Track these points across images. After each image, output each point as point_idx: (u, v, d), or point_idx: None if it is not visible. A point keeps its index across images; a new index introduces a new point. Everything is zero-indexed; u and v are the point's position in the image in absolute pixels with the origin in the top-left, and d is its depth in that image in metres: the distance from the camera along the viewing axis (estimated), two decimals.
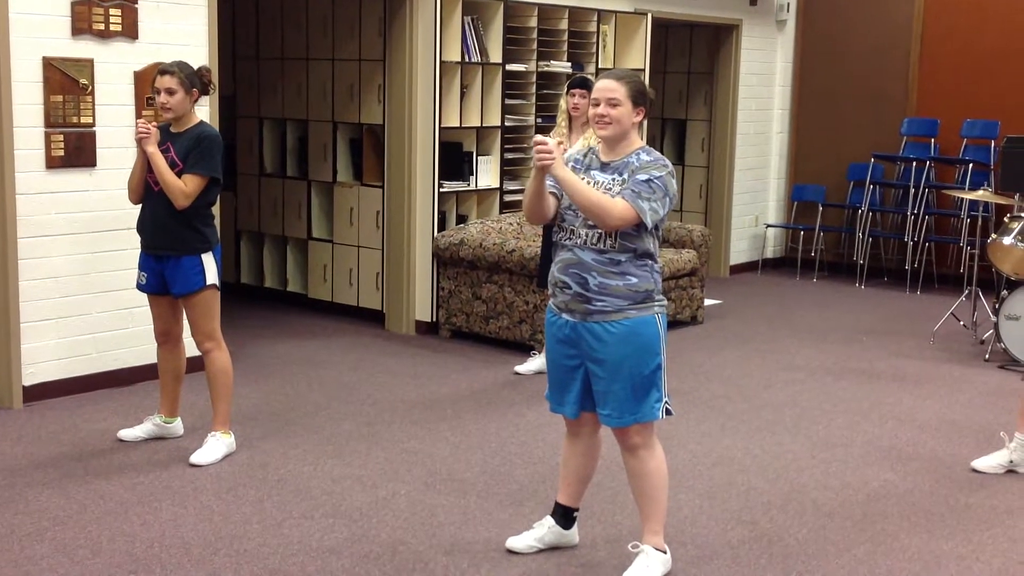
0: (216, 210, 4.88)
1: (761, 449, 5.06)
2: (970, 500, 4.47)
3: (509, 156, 7.51)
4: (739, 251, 10.03)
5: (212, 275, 4.59)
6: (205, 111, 5.56)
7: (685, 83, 10.03)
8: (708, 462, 4.86)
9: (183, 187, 4.45)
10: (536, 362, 6.17)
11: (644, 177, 3.44)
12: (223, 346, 4.70)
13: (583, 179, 3.49)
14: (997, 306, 6.71)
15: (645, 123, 8.39)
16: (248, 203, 8.10)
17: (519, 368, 6.24)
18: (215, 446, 4.66)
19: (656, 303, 3.55)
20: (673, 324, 7.45)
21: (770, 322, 7.93)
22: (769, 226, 10.22)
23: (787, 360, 6.77)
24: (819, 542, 4.01)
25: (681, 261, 7.47)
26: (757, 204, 10.17)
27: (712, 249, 9.09)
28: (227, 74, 7.68)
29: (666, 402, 3.59)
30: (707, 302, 8.05)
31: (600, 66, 7.95)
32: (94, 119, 5.45)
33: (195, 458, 4.60)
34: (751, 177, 10.02)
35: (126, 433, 4.89)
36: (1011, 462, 4.75)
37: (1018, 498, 4.51)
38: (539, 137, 3.43)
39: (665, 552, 3.65)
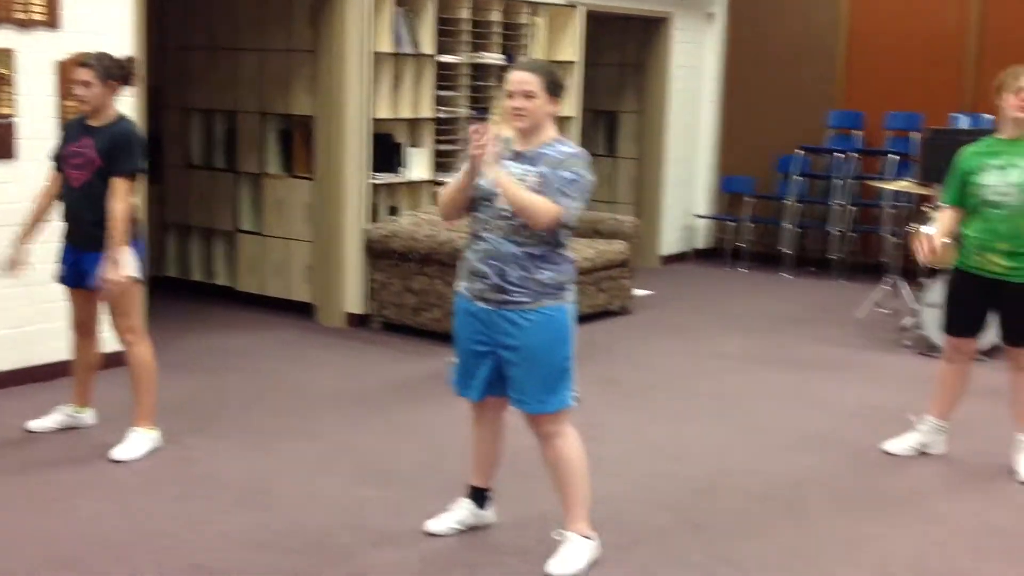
0: (141, 203, 4.82)
1: (688, 436, 5.13)
2: (888, 483, 4.58)
3: (441, 148, 7.50)
4: (670, 242, 10.14)
5: (134, 268, 4.53)
6: (131, 103, 5.48)
7: (617, 75, 10.09)
8: (637, 449, 4.91)
9: None
10: None
11: (570, 175, 3.47)
12: (145, 340, 4.65)
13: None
14: (917, 294, 6.86)
15: (579, 116, 8.49)
16: (175, 195, 8.00)
17: (452, 359, 6.24)
18: (138, 441, 4.61)
19: (568, 294, 3.60)
20: (604, 314, 7.52)
21: (700, 311, 8.02)
22: (699, 217, 10.34)
23: (716, 348, 6.87)
24: (743, 526, 4.09)
25: (612, 252, 7.53)
26: (687, 195, 10.28)
27: (643, 240, 9.18)
28: (154, 65, 7.57)
29: (575, 391, 3.65)
30: (638, 292, 8.13)
31: (530, 59, 7.97)
32: (14, 110, 5.35)
33: (117, 453, 4.54)
34: (681, 169, 10.13)
35: (36, 424, 4.83)
36: (922, 444, 4.87)
37: (932, 480, 4.63)
38: (477, 126, 3.45)
39: (592, 538, 3.70)
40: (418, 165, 7.41)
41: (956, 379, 4.83)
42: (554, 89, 3.53)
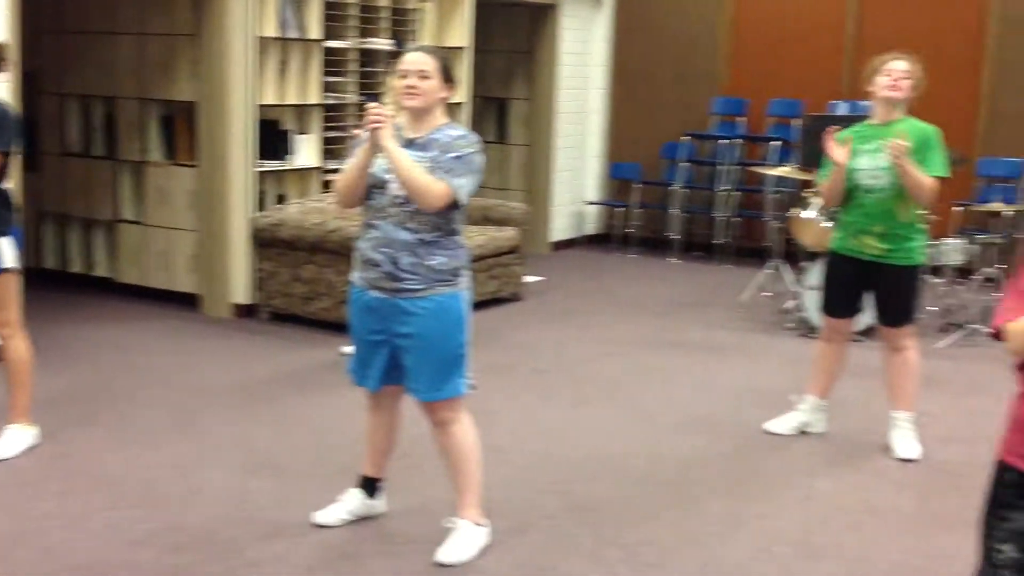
0: (17, 189, 4.64)
1: (579, 421, 5.18)
2: (771, 462, 4.69)
3: (330, 135, 7.41)
4: (560, 228, 10.21)
5: (10, 259, 4.37)
6: (4, 89, 5.27)
7: (506, 62, 10.10)
8: (526, 435, 4.94)
9: None
10: None
11: (455, 155, 3.48)
12: (22, 333, 4.49)
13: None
14: (799, 277, 7.05)
15: (470, 103, 8.48)
16: (52, 184, 7.74)
17: (346, 349, 6.19)
18: (14, 438, 4.46)
19: (463, 280, 3.60)
20: (495, 301, 7.54)
21: (590, 297, 8.11)
22: (589, 203, 10.43)
23: (605, 333, 6.95)
24: (630, 509, 4.15)
25: (502, 239, 7.55)
26: (577, 181, 10.36)
27: (534, 226, 9.23)
28: (28, 49, 7.30)
29: (469, 378, 3.66)
30: (529, 279, 8.17)
31: (421, 44, 7.93)
32: None
33: None
34: (571, 156, 10.20)
35: None
36: (804, 424, 5.01)
37: (813, 458, 4.77)
38: (374, 104, 3.45)
39: (483, 525, 3.71)
40: (306, 152, 7.32)
41: (834, 359, 4.97)
42: (447, 74, 3.54)
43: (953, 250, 7.00)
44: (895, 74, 4.58)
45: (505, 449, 4.70)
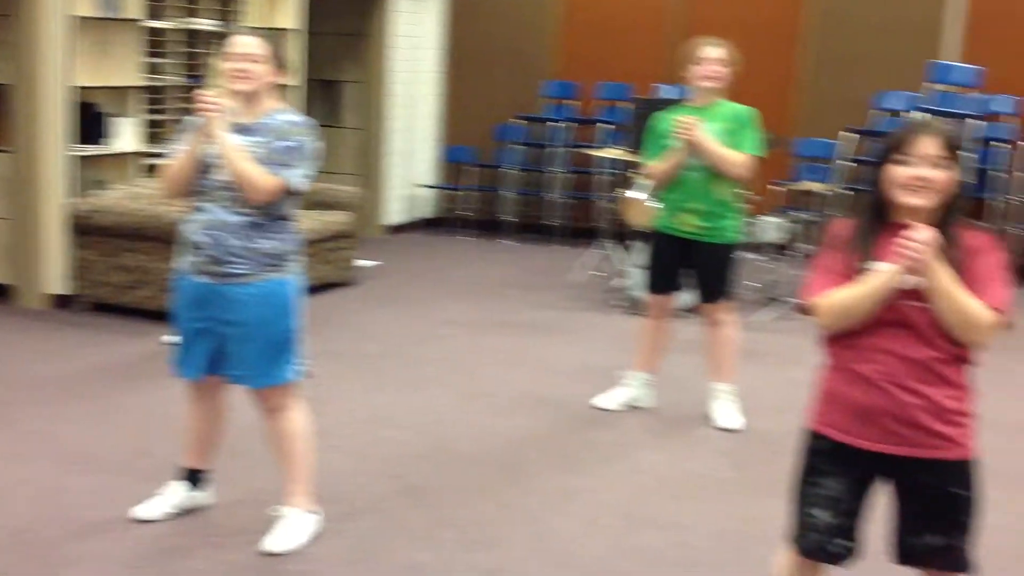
0: None
1: (412, 404, 5.17)
2: (600, 437, 4.79)
3: (152, 118, 7.16)
4: (394, 212, 10.15)
5: None
6: None
7: (337, 44, 9.95)
8: (359, 420, 4.91)
9: None
10: None
11: (289, 143, 3.42)
12: None
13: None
14: (627, 257, 7.21)
15: (302, 86, 8.31)
16: None
17: (168, 338, 5.99)
18: None
19: (292, 265, 3.54)
20: (328, 286, 7.45)
21: (424, 280, 8.09)
22: (423, 187, 10.41)
23: (440, 316, 6.95)
24: (465, 489, 4.16)
25: (334, 223, 7.46)
26: (410, 165, 10.32)
27: (367, 210, 9.15)
28: None
29: (301, 364, 3.61)
30: (363, 263, 8.10)
31: (249, 26, 7.73)
32: None
33: None
34: (404, 139, 10.15)
35: None
36: (632, 399, 5.13)
37: (640, 432, 4.89)
38: (206, 90, 3.39)
39: (313, 512, 3.67)
40: (126, 136, 7.04)
41: (658, 335, 5.11)
42: (278, 58, 3.47)
43: (772, 228, 7.28)
44: (709, 62, 4.72)
45: (337, 435, 4.65)
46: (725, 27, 6.09)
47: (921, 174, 2.43)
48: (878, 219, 2.52)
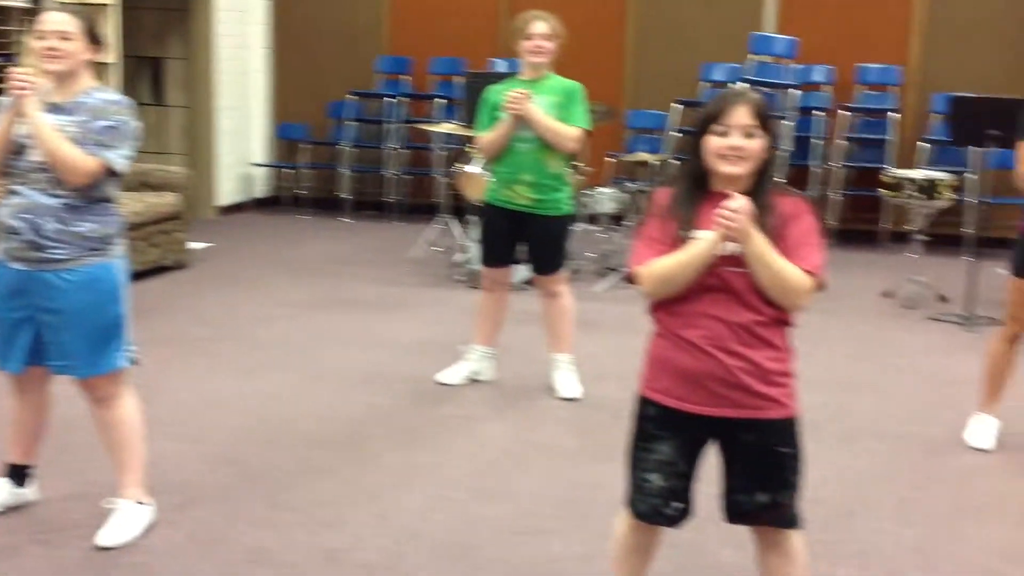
0: None
1: (251, 388, 5.07)
2: (443, 412, 4.80)
3: None
4: (228, 192, 9.90)
5: None
6: None
7: (159, 19, 9.60)
8: (194, 406, 4.78)
9: None
10: None
11: (107, 123, 3.28)
12: None
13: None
14: (466, 231, 7.23)
15: (120, 63, 7.98)
16: None
17: None
18: None
19: (116, 248, 3.42)
20: (159, 270, 7.23)
21: (260, 261, 7.93)
22: (256, 165, 10.18)
23: (278, 297, 6.83)
24: (307, 471, 4.11)
25: (162, 204, 7.23)
26: (242, 144, 10.07)
27: (198, 191, 8.92)
28: None
29: (129, 350, 3.48)
30: (195, 245, 7.88)
31: (60, 1, 7.36)
32: None
33: None
34: (235, 117, 9.89)
35: None
36: (473, 372, 5.16)
37: (482, 405, 4.92)
38: (14, 70, 3.22)
39: (147, 503, 3.56)
40: None
41: (496, 308, 5.14)
42: (92, 34, 3.33)
43: (607, 199, 7.41)
44: (536, 37, 4.75)
45: (171, 422, 4.52)
46: (554, 1, 6.14)
47: (734, 143, 2.49)
48: (698, 188, 2.58)
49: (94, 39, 3.34)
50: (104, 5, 7.82)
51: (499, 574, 3.34)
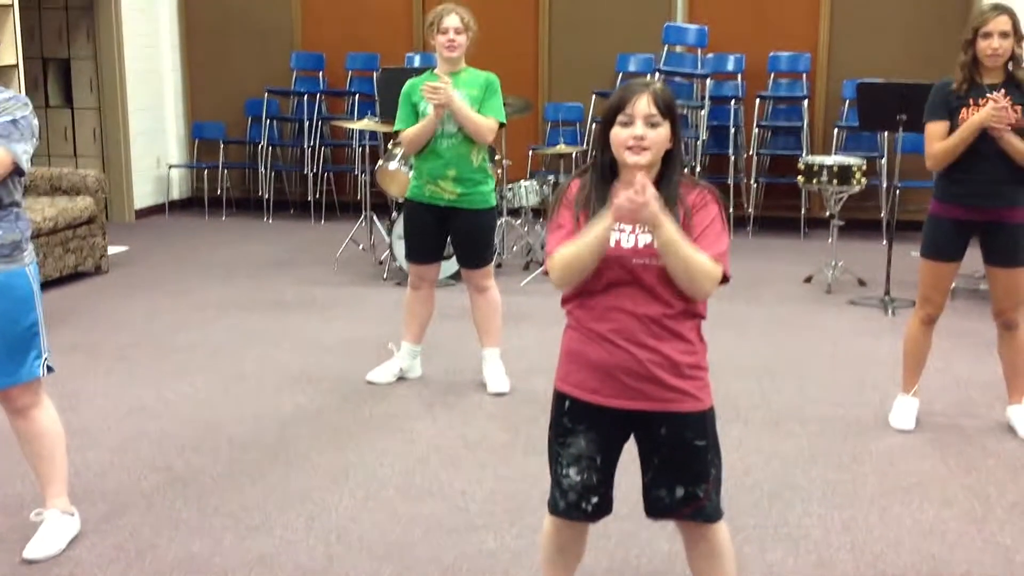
0: None
1: (174, 393, 4.98)
2: (373, 411, 4.77)
3: None
4: (143, 194, 9.71)
5: None
6: None
7: (64, 19, 9.37)
8: (118, 414, 4.68)
9: None
10: None
11: (9, 118, 3.19)
12: None
13: None
14: (390, 227, 7.18)
15: (21, 64, 7.76)
16: None
17: None
18: None
19: (27, 255, 3.32)
20: (75, 276, 7.07)
21: (180, 264, 7.80)
22: (172, 167, 10.00)
23: (198, 300, 6.72)
24: (235, 475, 4.05)
25: (77, 209, 7.06)
26: (157, 144, 9.89)
27: (113, 194, 8.74)
28: None
29: (46, 358, 3.40)
30: (111, 250, 7.71)
31: None
32: None
33: None
34: (148, 117, 9.70)
35: None
36: (402, 370, 5.14)
37: (413, 402, 4.90)
38: None
39: (72, 514, 3.48)
40: None
41: (422, 305, 5.12)
42: None
43: (528, 191, 7.43)
44: (450, 31, 4.74)
45: (95, 431, 4.43)
46: None
47: (638, 133, 2.50)
48: (607, 179, 2.57)
49: None
50: (4, 6, 7.61)
51: (433, 573, 3.33)
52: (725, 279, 2.52)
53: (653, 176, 2.53)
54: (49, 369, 3.42)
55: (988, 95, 4.12)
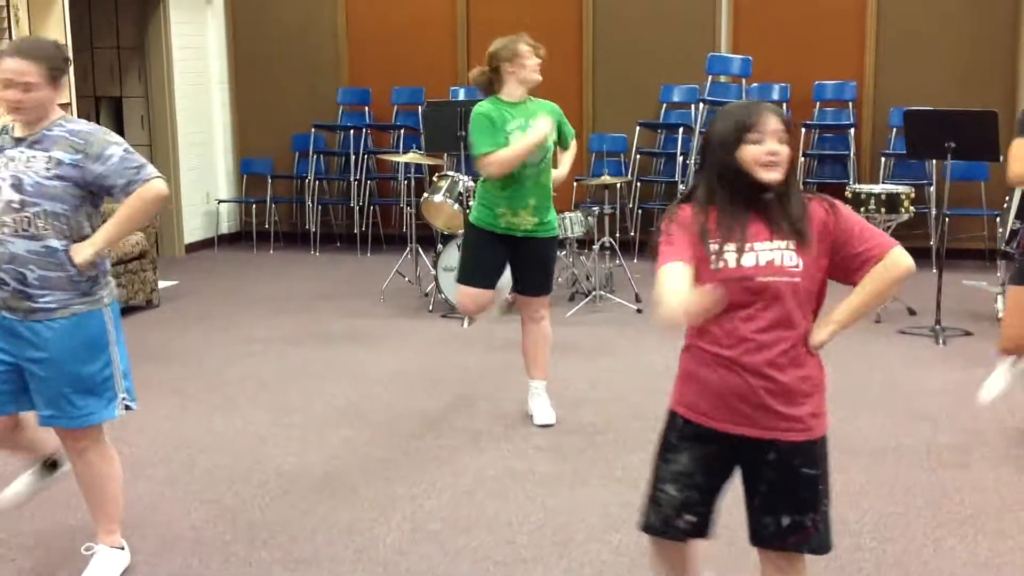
0: None
1: (223, 426, 5.03)
2: (420, 444, 4.77)
3: None
4: (193, 229, 9.85)
5: None
6: None
7: (116, 59, 9.58)
8: (168, 447, 4.73)
9: None
10: None
11: (118, 155, 3.19)
12: None
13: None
14: (435, 260, 7.22)
15: (74, 104, 7.93)
16: None
17: None
18: None
19: (105, 292, 3.33)
20: (128, 310, 7.16)
21: (228, 298, 7.89)
22: (221, 201, 10.14)
23: (246, 333, 6.78)
24: (283, 508, 4.08)
25: (128, 244, 7.18)
26: (207, 180, 10.03)
27: (163, 229, 8.86)
28: None
29: (123, 398, 3.39)
30: (162, 284, 7.82)
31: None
32: None
33: None
34: (198, 153, 9.86)
35: None
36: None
37: (461, 435, 4.89)
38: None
39: (123, 547, 3.51)
40: None
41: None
42: (57, 73, 3.20)
43: (573, 223, 7.43)
44: (532, 58, 4.69)
45: (146, 464, 4.48)
46: (512, 28, 6.14)
47: (774, 148, 2.50)
48: (737, 200, 2.53)
49: (57, 79, 3.20)
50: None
51: None
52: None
53: (780, 193, 2.52)
54: (127, 408, 3.40)
55: None
